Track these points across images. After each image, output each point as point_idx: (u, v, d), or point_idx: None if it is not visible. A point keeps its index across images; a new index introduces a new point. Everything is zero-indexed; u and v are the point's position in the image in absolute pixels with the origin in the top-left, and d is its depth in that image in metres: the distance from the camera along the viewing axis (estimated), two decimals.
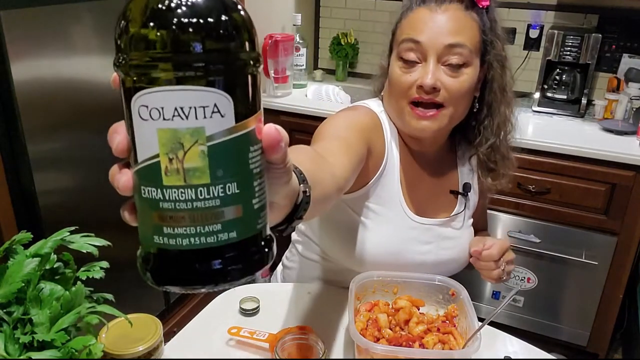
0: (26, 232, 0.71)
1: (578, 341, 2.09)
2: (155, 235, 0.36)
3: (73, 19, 1.36)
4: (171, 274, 0.37)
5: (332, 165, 0.74)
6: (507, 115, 1.02)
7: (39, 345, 0.63)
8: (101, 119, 1.51)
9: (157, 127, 0.34)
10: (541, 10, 2.32)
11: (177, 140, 0.34)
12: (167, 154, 0.34)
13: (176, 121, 0.34)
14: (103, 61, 1.48)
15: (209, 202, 0.35)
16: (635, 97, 2.08)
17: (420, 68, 0.91)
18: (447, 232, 1.05)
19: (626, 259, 1.90)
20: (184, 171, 0.34)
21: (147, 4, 0.34)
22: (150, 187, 0.35)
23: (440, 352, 0.85)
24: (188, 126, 0.34)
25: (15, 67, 1.23)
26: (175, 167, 0.34)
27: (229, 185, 0.35)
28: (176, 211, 0.35)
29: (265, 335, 0.90)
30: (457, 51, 0.90)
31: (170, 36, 0.33)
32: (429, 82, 0.89)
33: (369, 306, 0.94)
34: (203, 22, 0.34)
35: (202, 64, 0.34)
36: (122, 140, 0.38)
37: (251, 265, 0.38)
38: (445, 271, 1.05)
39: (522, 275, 2.09)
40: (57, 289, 0.67)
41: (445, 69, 0.91)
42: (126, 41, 0.34)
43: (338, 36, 2.63)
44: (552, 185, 1.92)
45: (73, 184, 1.46)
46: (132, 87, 0.34)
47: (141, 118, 0.34)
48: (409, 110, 0.93)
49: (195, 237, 0.35)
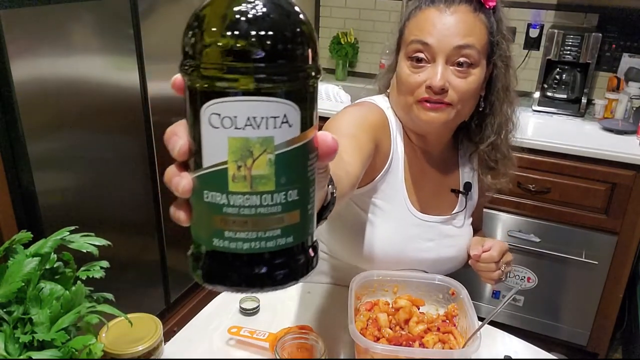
0: (26, 232, 0.71)
1: (578, 341, 2.09)
2: (215, 238, 0.37)
3: (73, 19, 1.36)
4: (224, 275, 0.38)
5: (346, 164, 0.75)
6: (509, 115, 1.02)
7: (39, 344, 0.63)
8: (101, 119, 1.51)
9: (229, 136, 0.35)
10: (541, 10, 2.32)
11: (247, 149, 0.35)
12: (236, 161, 0.35)
13: (247, 130, 0.34)
14: (103, 61, 1.47)
15: (272, 208, 0.36)
16: (635, 97, 2.08)
17: (429, 68, 0.91)
18: (448, 230, 1.06)
19: (626, 258, 1.91)
20: (251, 178, 0.35)
21: (226, 14, 0.34)
22: (214, 192, 0.36)
23: (440, 351, 0.85)
24: (259, 135, 0.34)
25: (15, 67, 1.23)
26: (243, 174, 0.35)
27: (290, 192, 0.36)
28: (240, 216, 0.36)
29: (265, 334, 0.90)
30: (466, 52, 0.90)
31: (249, 48, 0.34)
32: (438, 83, 0.89)
33: (369, 305, 0.94)
34: (281, 36, 0.35)
35: (277, 76, 0.35)
36: (185, 144, 0.38)
37: (300, 270, 0.39)
38: (444, 269, 1.06)
39: (522, 275, 2.09)
40: (57, 289, 0.67)
41: (454, 69, 0.91)
42: (200, 49, 0.35)
43: (338, 35, 2.62)
44: (552, 185, 1.92)
45: (73, 184, 1.46)
46: (203, 94, 0.35)
47: (211, 125, 0.35)
48: (418, 105, 0.94)
49: (256, 242, 0.36)
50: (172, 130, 0.39)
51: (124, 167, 1.62)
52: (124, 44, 1.54)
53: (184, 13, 1.77)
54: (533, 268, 2.06)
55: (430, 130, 1.00)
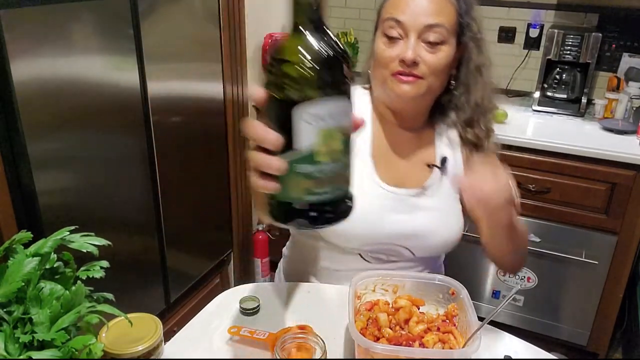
0: (26, 232, 0.71)
1: (578, 340, 2.09)
2: (306, 195, 0.54)
3: (73, 19, 1.36)
4: (314, 218, 0.56)
5: None
6: (484, 93, 1.08)
7: (39, 344, 0.63)
8: (101, 119, 1.51)
9: (319, 128, 0.52)
10: (541, 10, 2.32)
11: (330, 135, 0.52)
12: (325, 144, 0.52)
13: (329, 122, 0.52)
14: (103, 61, 1.47)
15: (342, 170, 0.55)
16: (635, 97, 2.08)
17: (402, 44, 0.99)
18: (422, 203, 1.08)
19: (626, 258, 1.91)
20: (332, 152, 0.53)
21: (307, 50, 0.53)
22: (306, 164, 0.53)
23: (440, 351, 0.85)
24: (336, 125, 0.53)
25: (15, 67, 1.23)
26: (327, 150, 0.53)
27: (348, 159, 0.56)
28: (323, 178, 0.54)
29: (265, 334, 0.90)
30: (436, 30, 0.99)
31: (330, 69, 0.53)
32: (410, 56, 0.97)
33: (369, 305, 0.94)
34: (346, 58, 0.55)
35: (344, 84, 0.54)
36: (279, 137, 0.54)
37: (350, 209, 0.59)
38: (427, 244, 1.08)
39: (522, 275, 2.09)
40: (57, 289, 0.67)
41: (425, 45, 0.99)
42: (292, 72, 0.52)
43: (338, 35, 2.63)
44: (552, 185, 1.92)
45: (73, 184, 1.46)
46: (292, 101, 0.52)
47: (305, 121, 0.52)
48: (392, 78, 1.01)
49: (333, 193, 0.55)
50: (263, 129, 0.55)
51: (124, 167, 1.62)
52: (124, 44, 1.54)
53: (184, 13, 1.78)
54: (533, 268, 2.06)
55: (404, 105, 1.06)
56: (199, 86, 1.94)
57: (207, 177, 2.08)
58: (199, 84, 1.94)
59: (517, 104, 2.33)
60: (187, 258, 2.03)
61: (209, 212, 2.13)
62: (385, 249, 1.09)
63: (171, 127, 1.79)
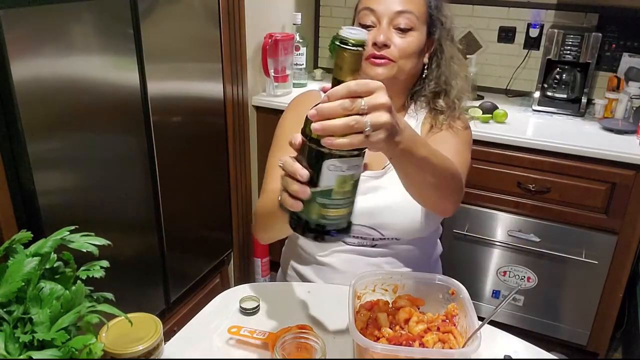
0: (26, 232, 0.71)
1: (578, 340, 2.09)
2: (321, 219, 0.70)
3: (73, 18, 1.36)
4: (320, 235, 0.72)
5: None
6: (456, 76, 1.18)
7: (39, 344, 0.63)
8: (101, 118, 1.51)
9: (337, 175, 0.67)
10: (541, 9, 2.32)
11: (344, 180, 0.68)
12: (339, 185, 0.68)
13: (346, 172, 0.67)
14: (103, 61, 1.47)
15: (348, 205, 0.71)
16: (635, 96, 2.07)
17: (375, 30, 1.09)
18: (383, 183, 1.13)
19: (626, 258, 1.91)
20: (344, 192, 0.69)
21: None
22: (324, 197, 0.69)
23: (440, 351, 0.85)
24: (349, 173, 0.68)
25: (15, 67, 1.22)
26: (339, 191, 0.68)
27: (354, 198, 0.72)
28: (334, 209, 0.70)
29: (265, 334, 0.90)
30: (405, 16, 1.08)
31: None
32: (381, 39, 1.07)
33: (369, 305, 0.94)
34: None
35: (360, 152, 0.68)
36: (307, 174, 0.68)
37: (348, 231, 0.75)
38: (391, 222, 1.11)
39: (522, 275, 2.09)
40: (57, 288, 0.67)
41: (395, 31, 1.09)
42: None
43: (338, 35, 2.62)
44: (552, 185, 1.92)
45: (73, 183, 1.46)
46: (327, 155, 0.66)
47: (329, 170, 0.67)
48: (366, 62, 1.09)
49: (340, 220, 0.72)
50: (297, 168, 0.68)
51: (124, 167, 1.62)
52: (124, 44, 1.54)
53: (184, 13, 1.78)
54: (533, 268, 2.06)
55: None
56: (199, 86, 1.94)
57: (207, 177, 2.08)
58: (199, 84, 1.94)
59: (517, 104, 2.33)
60: (187, 258, 2.03)
61: (209, 212, 2.13)
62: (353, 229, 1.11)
63: (171, 127, 1.79)
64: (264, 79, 2.33)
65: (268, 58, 2.24)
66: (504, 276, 2.12)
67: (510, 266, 2.10)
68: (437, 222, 1.20)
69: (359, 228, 1.12)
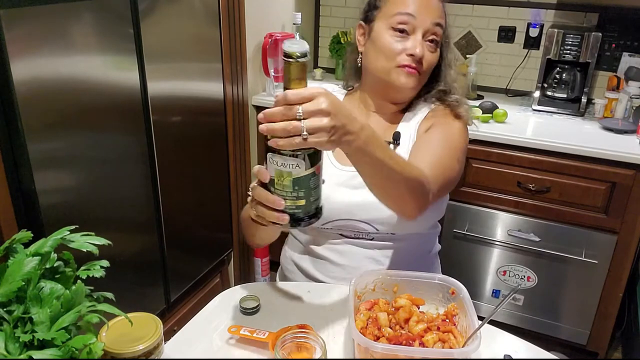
0: (26, 231, 0.71)
1: (578, 340, 2.09)
2: (286, 208, 0.77)
3: (73, 18, 1.36)
4: (295, 221, 0.78)
5: None
6: (457, 71, 1.20)
7: (40, 344, 0.63)
8: (101, 118, 1.51)
9: (275, 168, 0.74)
10: (541, 9, 2.32)
11: (281, 174, 0.74)
12: (278, 178, 0.75)
13: (282, 167, 0.74)
14: (103, 60, 1.47)
15: (298, 198, 0.76)
16: (635, 96, 2.08)
17: (411, 39, 1.07)
18: None
19: (626, 257, 1.91)
20: (283, 185, 0.75)
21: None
22: (272, 186, 0.76)
23: (440, 350, 0.85)
24: (286, 170, 0.74)
25: (15, 66, 1.23)
26: (280, 182, 0.75)
27: (298, 192, 0.76)
28: (289, 199, 0.76)
29: (265, 334, 0.90)
30: (438, 30, 1.08)
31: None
32: (420, 53, 1.06)
33: (369, 305, 0.94)
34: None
35: (298, 154, 0.73)
36: (266, 173, 0.76)
37: (318, 216, 0.80)
38: (385, 217, 1.09)
39: (522, 274, 2.09)
40: (57, 288, 0.67)
41: (427, 44, 1.08)
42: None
43: (338, 35, 2.62)
44: (552, 184, 1.92)
45: (73, 183, 1.46)
46: (269, 148, 0.73)
47: (270, 162, 0.75)
48: (397, 70, 1.08)
49: (298, 210, 0.77)
50: (259, 170, 0.77)
51: (124, 167, 1.62)
52: (124, 44, 1.54)
53: (184, 13, 1.78)
54: (533, 267, 2.06)
55: (397, 95, 1.14)
56: (199, 86, 1.94)
57: (207, 176, 2.08)
58: (199, 84, 1.94)
59: (517, 103, 2.34)
60: (187, 258, 2.03)
61: (209, 211, 2.13)
62: (344, 225, 1.12)
63: (171, 127, 1.79)
64: (264, 78, 2.33)
65: (268, 58, 2.24)
66: (504, 276, 2.12)
67: (510, 266, 2.10)
68: (433, 219, 1.20)
69: (354, 223, 1.11)
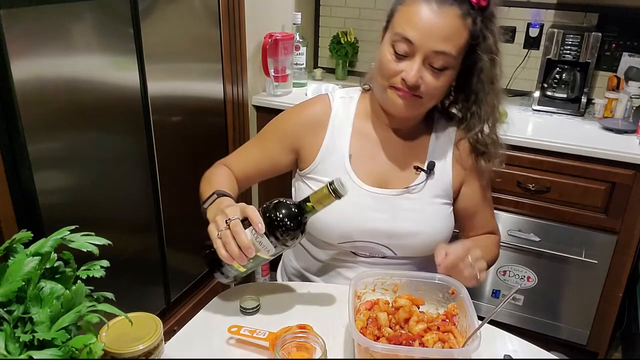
0: (26, 231, 0.71)
1: (578, 340, 2.09)
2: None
3: (73, 18, 1.36)
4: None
5: (235, 175, 1.19)
6: (495, 105, 1.09)
7: (40, 344, 0.63)
8: (101, 118, 1.51)
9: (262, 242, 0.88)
10: (541, 9, 2.32)
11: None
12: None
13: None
14: (103, 60, 1.47)
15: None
16: (635, 96, 2.07)
17: (408, 62, 0.98)
18: (404, 204, 1.09)
19: (626, 257, 1.91)
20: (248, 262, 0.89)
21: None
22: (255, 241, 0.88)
23: (440, 350, 0.85)
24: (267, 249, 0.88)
25: (16, 66, 1.23)
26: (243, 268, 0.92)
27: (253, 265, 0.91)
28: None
29: (265, 334, 0.90)
30: (442, 57, 0.97)
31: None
32: (412, 80, 0.98)
33: (369, 305, 0.94)
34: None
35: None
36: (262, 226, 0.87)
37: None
38: (408, 245, 1.09)
39: (521, 274, 2.09)
40: (57, 288, 0.67)
41: (429, 68, 0.99)
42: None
43: (338, 35, 2.62)
44: (552, 184, 1.92)
45: (73, 183, 1.46)
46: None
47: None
48: (391, 90, 1.02)
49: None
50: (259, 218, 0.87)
51: (124, 167, 1.62)
52: (124, 44, 1.54)
53: (184, 13, 1.78)
54: (533, 267, 2.06)
55: (395, 117, 1.09)
56: (199, 86, 1.94)
57: None
58: (199, 84, 1.94)
59: (517, 103, 2.33)
60: (187, 258, 2.03)
61: None
62: (363, 246, 1.10)
63: (171, 127, 1.79)
64: (264, 78, 2.33)
65: (268, 58, 2.24)
66: (504, 276, 2.12)
67: (510, 266, 2.10)
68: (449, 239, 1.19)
69: (373, 245, 1.10)
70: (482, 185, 1.17)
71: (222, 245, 0.86)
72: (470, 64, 1.03)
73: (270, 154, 1.17)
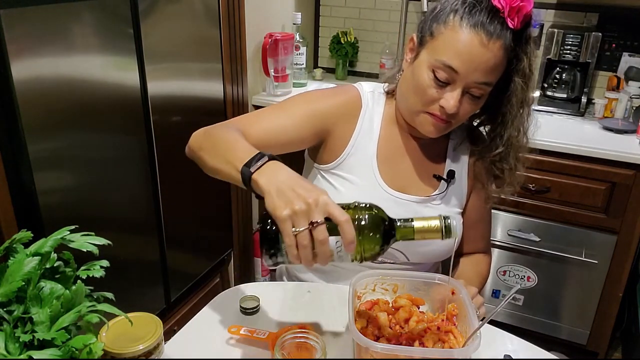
0: (26, 231, 0.71)
1: (578, 340, 2.09)
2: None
3: (73, 18, 1.36)
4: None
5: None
6: (522, 130, 1.08)
7: (40, 344, 0.63)
8: (101, 118, 1.51)
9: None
10: (541, 9, 2.32)
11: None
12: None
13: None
14: (103, 60, 1.47)
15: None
16: (635, 96, 2.08)
17: (448, 91, 0.96)
18: (425, 212, 1.08)
19: (626, 257, 1.91)
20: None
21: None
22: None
23: (440, 350, 0.85)
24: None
25: (16, 66, 1.22)
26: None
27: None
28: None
29: (265, 334, 0.90)
30: (483, 87, 0.96)
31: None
32: (452, 110, 0.96)
33: (369, 305, 0.94)
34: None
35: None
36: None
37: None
38: (424, 252, 1.09)
39: (521, 274, 2.09)
40: (57, 288, 0.67)
41: (468, 97, 0.97)
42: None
43: (338, 35, 2.62)
44: (552, 184, 1.92)
45: (73, 183, 1.46)
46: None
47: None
48: (424, 115, 1.00)
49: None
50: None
51: (124, 167, 1.62)
52: (124, 44, 1.54)
53: (184, 13, 1.78)
54: (533, 267, 2.06)
55: (425, 135, 1.06)
56: (199, 86, 1.94)
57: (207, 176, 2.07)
58: (199, 84, 1.94)
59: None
60: (187, 258, 2.03)
61: (209, 212, 2.13)
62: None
63: (171, 127, 1.79)
64: (264, 78, 2.33)
65: (268, 58, 2.24)
66: (504, 276, 2.12)
67: (510, 266, 2.10)
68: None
69: (389, 250, 1.08)
70: (488, 211, 1.19)
71: (294, 244, 0.71)
72: (502, 85, 1.01)
73: (299, 124, 1.04)
